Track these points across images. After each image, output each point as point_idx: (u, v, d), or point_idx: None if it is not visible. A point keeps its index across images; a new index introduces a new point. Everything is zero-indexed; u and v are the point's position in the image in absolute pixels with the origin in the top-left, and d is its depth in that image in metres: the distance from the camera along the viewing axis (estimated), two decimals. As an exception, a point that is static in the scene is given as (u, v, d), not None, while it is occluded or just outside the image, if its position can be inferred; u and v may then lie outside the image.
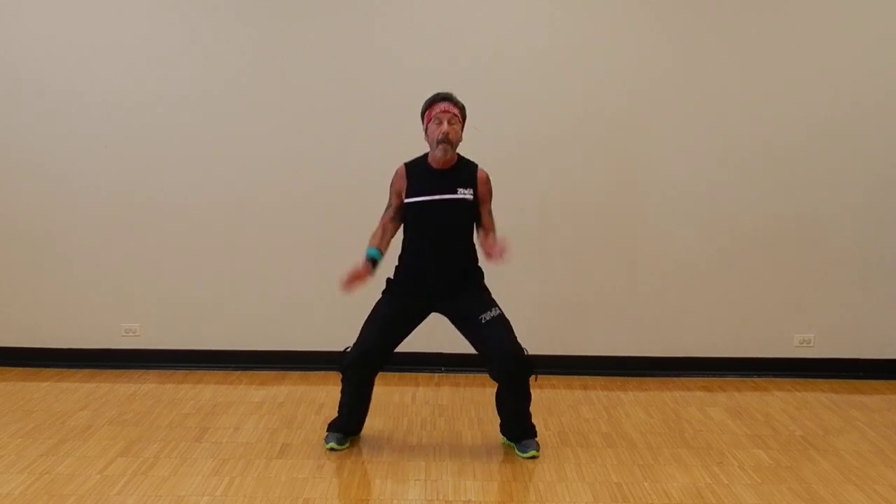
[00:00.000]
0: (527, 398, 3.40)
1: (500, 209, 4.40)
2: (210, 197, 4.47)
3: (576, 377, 4.51)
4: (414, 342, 4.52)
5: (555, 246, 4.48)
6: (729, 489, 3.10)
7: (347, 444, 3.48)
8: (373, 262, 3.30)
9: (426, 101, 3.32)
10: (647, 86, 4.36)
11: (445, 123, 3.22)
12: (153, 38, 4.35)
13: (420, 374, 4.51)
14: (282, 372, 4.51)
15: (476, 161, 3.42)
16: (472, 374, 4.41)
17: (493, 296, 3.42)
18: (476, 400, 4.11)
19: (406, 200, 3.32)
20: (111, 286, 4.55)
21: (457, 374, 4.48)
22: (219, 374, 4.49)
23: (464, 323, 3.34)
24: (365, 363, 3.35)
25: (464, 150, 3.39)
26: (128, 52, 4.36)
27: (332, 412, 3.59)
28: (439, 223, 3.30)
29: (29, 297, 4.58)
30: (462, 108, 3.30)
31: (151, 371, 4.52)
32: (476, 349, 3.35)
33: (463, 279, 3.36)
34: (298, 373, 4.49)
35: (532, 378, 3.34)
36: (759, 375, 4.54)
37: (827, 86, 4.36)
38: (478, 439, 3.58)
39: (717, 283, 4.50)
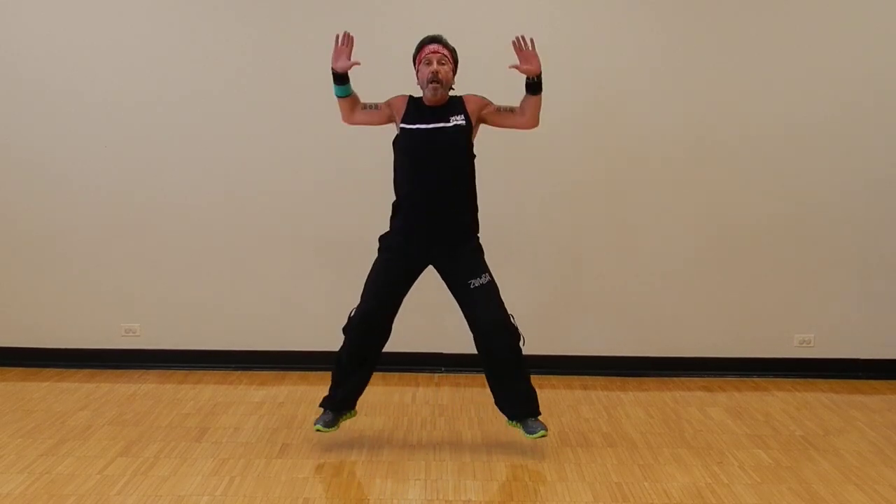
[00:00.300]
0: (520, 368, 3.34)
1: (500, 209, 4.42)
2: (210, 197, 4.47)
3: (576, 377, 4.50)
4: (414, 342, 4.55)
5: (554, 246, 4.48)
6: (729, 489, 3.10)
7: (336, 427, 3.43)
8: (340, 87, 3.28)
9: (417, 45, 3.33)
10: (647, 85, 4.36)
11: (435, 63, 3.25)
12: (153, 39, 4.35)
13: (420, 374, 4.51)
14: (282, 372, 4.51)
15: (475, 162, 3.41)
16: (472, 375, 4.41)
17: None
18: (476, 400, 4.11)
19: (402, 125, 3.29)
20: (111, 286, 4.55)
21: (457, 374, 4.48)
22: (219, 374, 4.49)
23: (454, 284, 3.31)
24: (367, 325, 3.31)
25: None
26: (128, 52, 4.36)
27: (332, 412, 3.59)
28: (435, 153, 3.24)
29: (29, 297, 4.58)
30: (452, 50, 3.30)
31: (151, 371, 4.52)
32: (463, 311, 3.32)
33: (460, 227, 3.31)
34: (298, 373, 4.48)
35: (520, 343, 3.30)
36: (759, 375, 4.54)
37: (827, 85, 4.36)
38: (478, 439, 3.58)
39: (717, 282, 4.50)
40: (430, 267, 3.39)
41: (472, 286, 3.25)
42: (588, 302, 4.53)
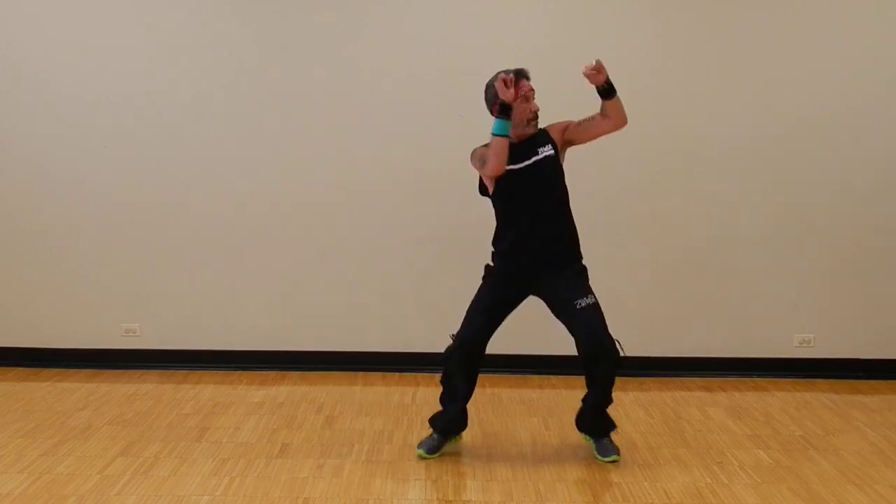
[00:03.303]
0: (608, 393, 3.39)
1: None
2: (210, 197, 4.47)
3: (576, 377, 4.47)
4: (414, 342, 4.55)
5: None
6: (729, 489, 3.10)
7: (439, 454, 3.39)
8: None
9: (502, 79, 3.16)
10: (646, 85, 4.35)
11: (533, 100, 3.30)
12: (154, 39, 4.35)
13: (420, 374, 4.50)
14: (282, 372, 4.51)
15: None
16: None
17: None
18: (476, 400, 4.08)
19: (509, 167, 3.25)
20: (111, 286, 4.55)
21: (457, 374, 4.47)
22: (219, 374, 4.49)
23: (559, 305, 3.33)
24: (471, 351, 3.32)
25: (465, 149, 3.37)
26: (128, 53, 4.36)
27: (332, 412, 3.59)
28: (532, 188, 3.26)
29: (29, 297, 4.58)
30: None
31: (151, 371, 4.52)
32: (570, 332, 3.34)
33: (563, 255, 3.33)
34: (298, 373, 4.48)
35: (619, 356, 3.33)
36: (759, 375, 4.54)
37: (827, 85, 4.35)
38: (478, 439, 3.58)
39: (717, 282, 4.50)
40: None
41: (578, 307, 3.26)
42: (588, 302, 4.52)
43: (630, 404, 4.07)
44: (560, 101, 4.36)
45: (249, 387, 4.30)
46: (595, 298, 3.32)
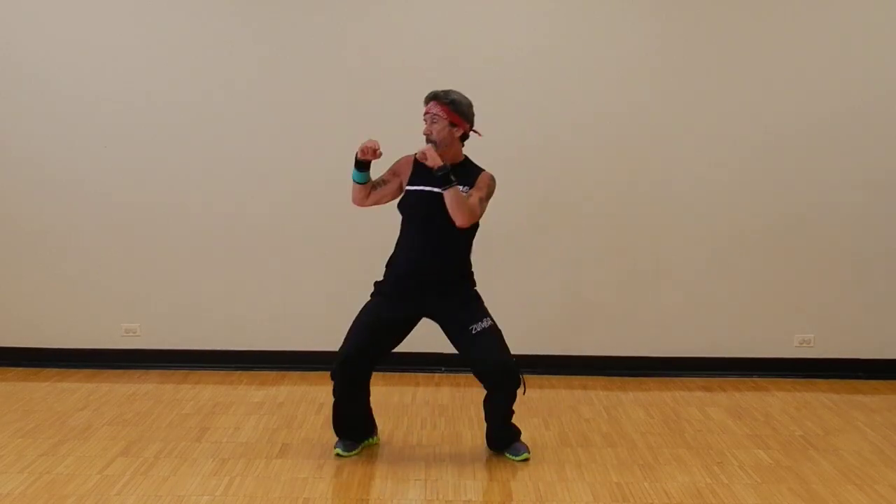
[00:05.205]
0: (510, 408, 3.35)
1: (501, 209, 4.38)
2: (210, 197, 4.47)
3: (576, 377, 4.50)
4: (414, 342, 4.52)
5: (555, 246, 4.48)
6: (729, 489, 3.10)
7: (357, 451, 3.41)
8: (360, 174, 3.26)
9: None
10: (647, 86, 4.36)
11: (427, 123, 3.23)
12: (153, 39, 4.35)
13: (420, 374, 4.51)
14: (282, 372, 4.51)
15: (476, 163, 3.39)
16: (472, 375, 4.40)
17: (494, 294, 3.41)
18: (476, 400, 4.09)
19: (406, 187, 3.31)
20: (111, 286, 4.55)
21: (457, 374, 4.47)
22: (219, 374, 4.49)
23: (453, 332, 3.29)
24: (346, 369, 3.26)
25: (466, 150, 3.37)
26: (128, 53, 4.36)
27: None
28: (431, 216, 3.21)
29: (29, 297, 4.57)
30: (449, 104, 3.19)
31: (151, 371, 4.52)
32: (464, 359, 3.31)
33: (453, 282, 3.29)
34: (298, 373, 4.48)
35: (520, 391, 3.29)
36: (759, 375, 4.54)
37: (827, 86, 4.36)
38: (478, 439, 3.58)
39: (717, 282, 4.50)
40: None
41: (473, 332, 3.21)
42: (588, 302, 4.53)
43: (630, 404, 4.07)
44: (560, 100, 4.39)
45: (249, 387, 4.30)
46: (492, 321, 3.26)
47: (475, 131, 3.30)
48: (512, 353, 3.31)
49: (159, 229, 4.49)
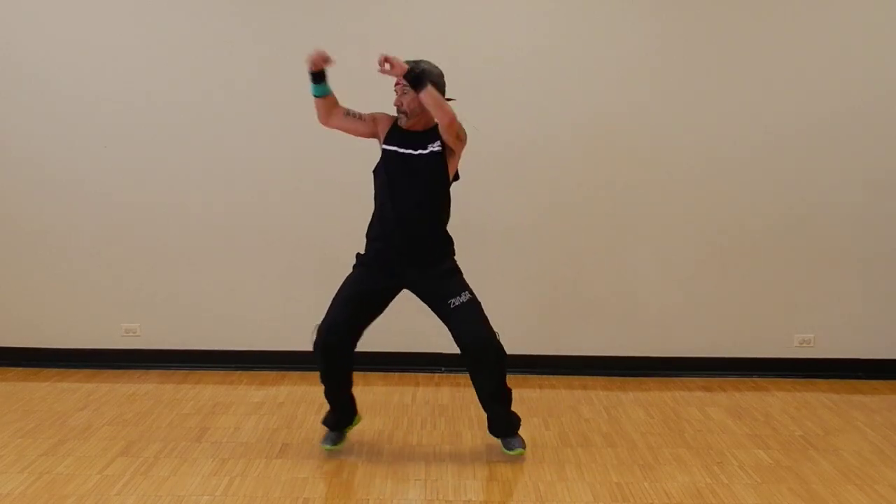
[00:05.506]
0: (502, 389, 3.34)
1: (501, 208, 4.42)
2: (210, 197, 4.47)
3: (576, 377, 4.51)
4: (414, 342, 4.55)
5: (555, 246, 4.48)
6: (729, 489, 3.10)
7: (342, 444, 3.46)
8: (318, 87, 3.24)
9: None
10: (647, 86, 4.36)
11: (398, 94, 3.26)
12: (153, 39, 4.35)
13: (420, 374, 4.51)
14: (282, 372, 4.51)
15: (477, 162, 3.40)
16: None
17: (494, 294, 3.41)
18: (476, 400, 4.09)
19: (383, 146, 3.30)
20: (111, 286, 4.55)
21: (457, 374, 4.47)
22: (219, 374, 4.49)
23: (434, 305, 3.30)
24: (330, 341, 3.27)
25: (466, 149, 3.36)
26: (128, 53, 4.36)
27: (332, 412, 3.58)
28: (410, 177, 3.23)
29: (29, 297, 4.58)
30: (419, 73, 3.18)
31: (151, 371, 4.52)
32: (449, 330, 3.30)
33: (431, 250, 3.30)
34: (298, 373, 4.48)
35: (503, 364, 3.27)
36: (759, 375, 4.54)
37: (827, 86, 4.35)
38: (478, 439, 3.58)
39: (717, 282, 4.50)
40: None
41: (452, 306, 3.22)
42: (588, 302, 4.53)
43: (630, 404, 4.07)
44: (560, 100, 4.39)
45: (249, 387, 4.30)
46: (471, 294, 3.26)
47: (450, 98, 3.27)
48: (512, 353, 3.31)
49: (159, 229, 4.49)
